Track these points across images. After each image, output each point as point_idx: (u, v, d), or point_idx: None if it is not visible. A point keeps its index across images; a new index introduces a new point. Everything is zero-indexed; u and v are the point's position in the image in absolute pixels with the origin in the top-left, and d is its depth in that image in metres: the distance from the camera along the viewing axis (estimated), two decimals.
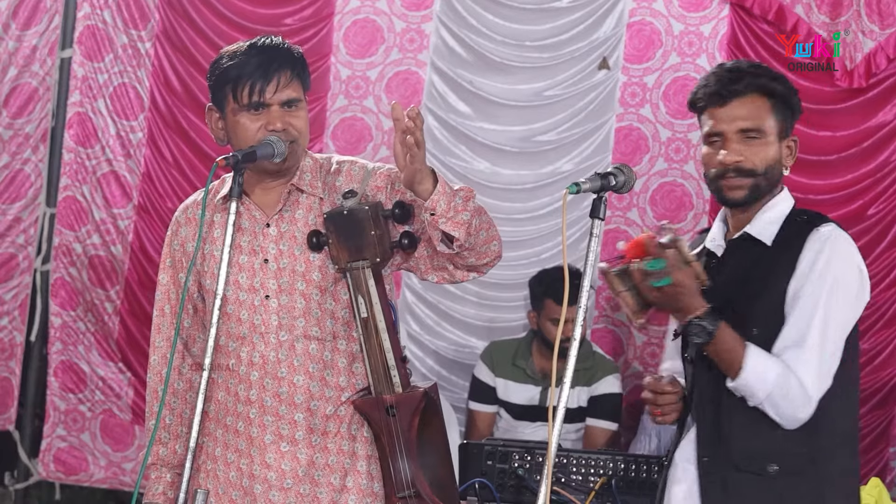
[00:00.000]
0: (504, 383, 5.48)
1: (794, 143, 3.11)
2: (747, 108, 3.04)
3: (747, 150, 3.03)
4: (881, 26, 5.45)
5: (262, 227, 3.14)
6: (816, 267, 2.95)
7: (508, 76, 5.88)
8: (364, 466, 3.12)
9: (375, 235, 3.01)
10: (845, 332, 2.98)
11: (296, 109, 3.10)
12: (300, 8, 6.01)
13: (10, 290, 6.25)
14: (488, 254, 3.07)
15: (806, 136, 5.54)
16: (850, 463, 3.06)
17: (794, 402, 2.90)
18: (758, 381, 2.91)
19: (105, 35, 6.15)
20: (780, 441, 2.95)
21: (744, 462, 2.98)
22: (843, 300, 2.96)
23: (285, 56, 3.11)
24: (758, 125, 3.03)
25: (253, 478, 3.12)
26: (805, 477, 2.96)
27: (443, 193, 2.90)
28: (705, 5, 5.70)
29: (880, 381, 5.52)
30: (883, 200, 5.52)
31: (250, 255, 3.13)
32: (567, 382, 2.69)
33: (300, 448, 3.09)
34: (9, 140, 6.21)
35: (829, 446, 2.98)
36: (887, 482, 5.38)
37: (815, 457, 2.97)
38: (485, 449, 4.10)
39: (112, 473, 6.23)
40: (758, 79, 3.05)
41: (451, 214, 2.91)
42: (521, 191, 5.89)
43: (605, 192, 2.80)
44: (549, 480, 2.68)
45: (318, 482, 3.09)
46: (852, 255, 3.01)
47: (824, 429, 2.96)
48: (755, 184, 3.05)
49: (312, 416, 3.09)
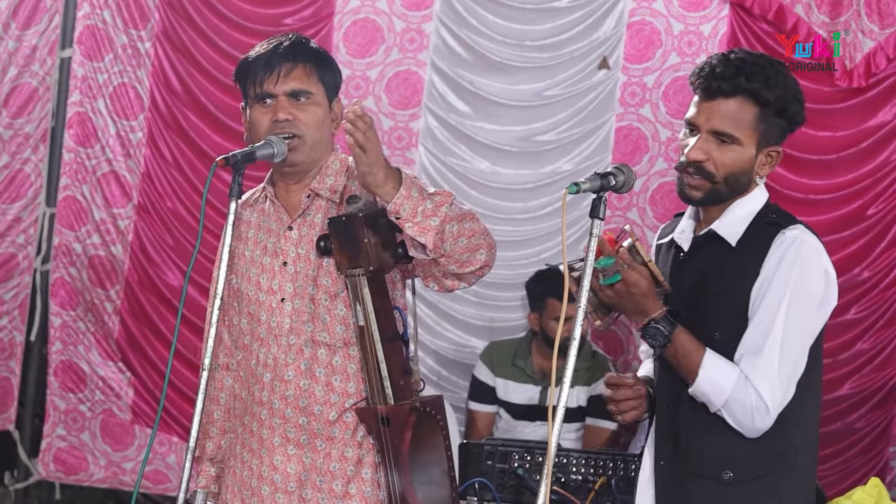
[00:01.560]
0: (504, 383, 5.48)
1: (776, 153, 2.98)
2: (729, 111, 2.91)
3: (715, 151, 2.91)
4: (881, 26, 5.45)
5: (286, 229, 3.14)
6: (779, 272, 2.85)
7: (508, 76, 5.88)
8: (369, 474, 3.09)
9: (370, 243, 2.93)
10: (809, 340, 2.89)
11: (304, 102, 3.07)
12: (300, 8, 6.01)
13: (10, 290, 6.25)
14: (472, 262, 2.93)
15: (806, 136, 5.54)
16: (809, 470, 2.97)
17: (751, 411, 2.82)
18: (713, 388, 2.84)
19: (105, 35, 6.14)
20: (736, 448, 2.87)
21: (699, 468, 2.90)
22: (805, 307, 2.86)
23: (294, 48, 3.10)
24: (732, 131, 2.91)
25: (261, 479, 3.12)
26: (760, 484, 2.88)
27: (407, 197, 2.81)
28: (705, 5, 5.70)
29: (880, 381, 5.52)
30: (882, 200, 5.52)
31: (272, 257, 3.14)
32: (567, 382, 2.68)
33: (305, 452, 3.09)
34: (9, 140, 6.21)
35: (786, 453, 2.90)
36: (887, 482, 5.38)
37: (772, 464, 2.89)
38: (485, 449, 4.10)
39: (112, 473, 6.23)
40: (751, 82, 2.89)
41: (419, 219, 2.82)
42: (521, 191, 5.89)
43: (605, 192, 2.79)
44: (549, 480, 2.67)
45: (320, 487, 3.09)
46: (818, 260, 2.90)
47: (782, 436, 2.88)
48: (713, 189, 2.93)
49: (316, 420, 3.08)
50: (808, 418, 2.94)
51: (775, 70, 2.93)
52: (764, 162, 2.96)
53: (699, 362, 2.85)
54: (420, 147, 5.88)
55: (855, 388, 5.54)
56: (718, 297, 2.91)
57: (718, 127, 2.91)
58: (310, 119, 3.07)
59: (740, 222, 2.95)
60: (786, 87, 2.93)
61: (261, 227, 3.19)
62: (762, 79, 2.90)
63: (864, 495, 4.18)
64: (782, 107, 2.92)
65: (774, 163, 2.98)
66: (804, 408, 2.91)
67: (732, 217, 2.95)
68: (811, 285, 2.87)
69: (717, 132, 2.91)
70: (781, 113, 2.94)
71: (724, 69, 2.91)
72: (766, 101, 2.90)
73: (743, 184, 2.95)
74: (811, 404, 2.95)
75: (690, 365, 2.86)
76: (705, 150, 2.92)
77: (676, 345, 2.88)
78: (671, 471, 2.97)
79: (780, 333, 2.82)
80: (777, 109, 2.92)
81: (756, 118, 2.91)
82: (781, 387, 2.82)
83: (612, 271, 2.89)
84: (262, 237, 3.17)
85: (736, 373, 2.82)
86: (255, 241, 3.18)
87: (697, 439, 2.91)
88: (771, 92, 2.90)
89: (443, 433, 3.05)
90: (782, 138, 3.00)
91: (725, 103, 2.91)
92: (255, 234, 3.18)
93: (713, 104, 2.92)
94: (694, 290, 2.95)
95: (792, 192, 5.57)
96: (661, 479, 3.01)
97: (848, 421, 5.55)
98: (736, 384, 2.82)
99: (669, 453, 2.97)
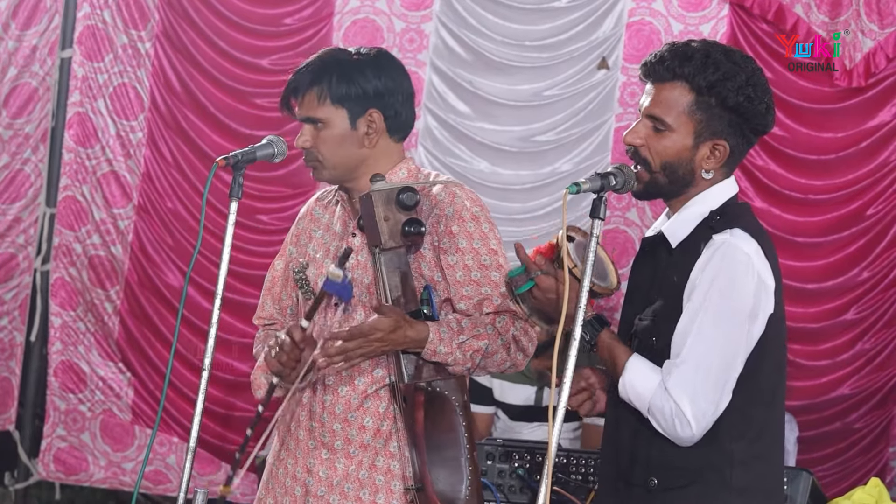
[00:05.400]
0: (500, 384, 5.46)
1: (723, 147, 2.79)
2: (663, 96, 2.80)
3: (651, 138, 2.82)
4: (881, 26, 5.45)
5: (350, 235, 3.14)
6: (702, 279, 2.73)
7: (508, 76, 5.88)
8: (399, 487, 3.06)
9: (383, 220, 2.94)
10: (738, 351, 2.73)
11: (319, 128, 3.07)
12: (300, 8, 6.02)
13: (10, 290, 6.25)
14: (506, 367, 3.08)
15: (806, 136, 5.55)
16: (756, 486, 2.81)
17: (670, 419, 2.71)
18: (633, 393, 2.76)
19: (105, 35, 6.15)
20: (664, 454, 2.76)
21: (631, 474, 2.82)
22: (728, 316, 2.71)
23: (310, 72, 3.09)
24: (663, 116, 2.80)
25: (295, 479, 3.12)
26: (685, 494, 2.77)
27: (437, 345, 2.96)
28: (705, 5, 5.70)
29: (880, 381, 5.52)
30: (882, 200, 5.52)
31: (333, 260, 3.11)
32: (567, 382, 2.68)
33: (338, 458, 3.08)
34: (9, 140, 6.21)
35: (720, 467, 2.76)
36: (887, 482, 5.37)
37: (702, 475, 2.75)
38: (485, 449, 4.10)
39: (112, 473, 6.23)
40: (684, 67, 2.77)
41: (451, 362, 2.97)
42: (521, 191, 5.89)
43: (605, 192, 2.77)
44: (549, 480, 2.67)
45: (347, 495, 3.07)
46: (746, 267, 2.73)
47: (716, 448, 2.74)
48: (652, 180, 2.82)
49: (350, 426, 3.07)
50: (755, 432, 2.79)
51: (721, 57, 2.79)
52: (707, 155, 2.79)
53: (622, 367, 2.78)
54: (420, 147, 5.88)
55: (855, 389, 5.54)
56: (654, 302, 2.83)
57: (652, 111, 2.83)
58: (322, 144, 3.06)
59: (689, 223, 2.82)
60: (728, 75, 2.77)
61: (328, 229, 3.19)
62: (699, 64, 2.77)
63: (864, 495, 4.17)
64: (723, 95, 2.76)
65: (722, 158, 2.80)
66: (749, 421, 2.77)
67: (683, 217, 2.84)
68: (736, 293, 2.72)
69: (651, 116, 2.84)
70: (725, 103, 2.77)
71: (665, 54, 2.82)
72: (699, 88, 2.76)
73: (683, 176, 2.81)
74: (762, 417, 2.80)
75: (615, 370, 2.81)
76: (641, 135, 2.84)
77: (601, 349, 2.83)
78: (608, 478, 2.91)
79: (697, 343, 2.71)
80: (719, 98, 2.77)
81: (691, 105, 2.79)
82: (705, 398, 2.70)
83: (523, 280, 2.86)
84: (327, 239, 3.18)
85: (657, 380, 2.73)
86: (321, 241, 3.18)
87: (631, 443, 2.83)
88: (705, 77, 2.76)
89: (460, 414, 3.00)
90: (737, 136, 2.81)
91: (662, 88, 2.82)
92: (323, 234, 3.19)
93: (652, 89, 2.85)
94: (641, 294, 2.88)
95: (792, 193, 5.58)
96: (600, 482, 2.97)
97: (848, 421, 5.55)
98: (655, 391, 2.73)
99: (612, 457, 2.90)
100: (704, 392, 2.70)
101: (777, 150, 5.57)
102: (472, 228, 3.04)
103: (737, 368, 2.74)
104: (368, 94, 3.08)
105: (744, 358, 2.74)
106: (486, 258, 3.04)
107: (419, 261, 3.05)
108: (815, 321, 5.54)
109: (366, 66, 3.09)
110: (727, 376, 2.72)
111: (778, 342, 2.82)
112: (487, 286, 3.03)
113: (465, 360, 2.97)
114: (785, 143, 5.57)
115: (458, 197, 3.06)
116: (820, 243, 5.57)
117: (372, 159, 3.10)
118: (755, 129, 2.83)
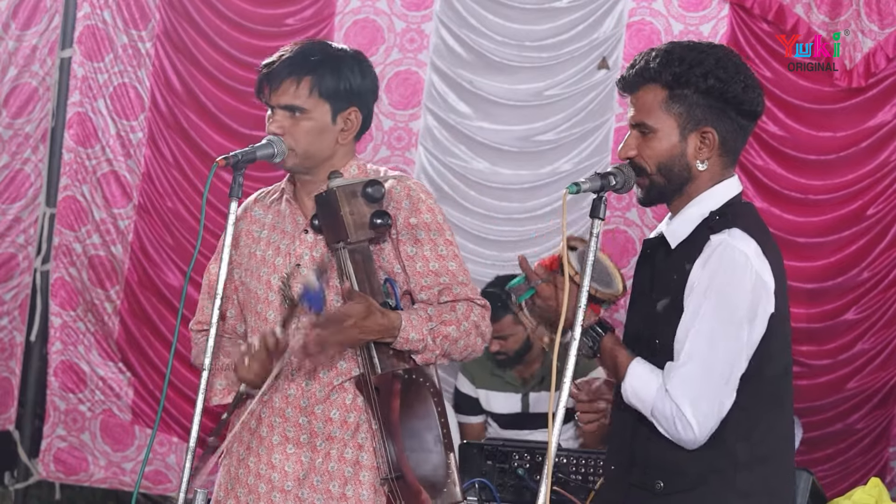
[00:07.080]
0: (486, 394, 5.43)
1: (710, 134, 2.79)
2: (640, 100, 2.82)
3: (642, 145, 2.83)
4: (881, 26, 5.45)
5: (301, 232, 3.16)
6: (701, 280, 2.73)
7: (508, 76, 5.88)
8: (368, 477, 3.09)
9: (347, 215, 2.98)
10: (740, 352, 2.72)
11: (298, 116, 3.09)
12: (301, 8, 6.02)
13: (10, 290, 6.25)
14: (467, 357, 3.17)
15: (806, 135, 5.55)
16: (759, 488, 2.80)
17: (672, 421, 2.71)
18: (636, 397, 2.76)
19: (105, 35, 6.15)
20: (670, 457, 2.76)
21: (637, 477, 2.82)
22: (728, 317, 2.70)
23: (294, 61, 3.11)
24: (644, 120, 2.82)
25: (259, 476, 3.13)
26: (690, 497, 2.77)
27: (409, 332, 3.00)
28: (705, 5, 5.70)
29: (880, 381, 5.52)
30: (882, 200, 5.52)
31: (285, 258, 3.16)
32: (567, 382, 2.68)
33: (304, 451, 3.10)
34: (9, 140, 6.21)
35: (723, 469, 2.76)
36: (887, 482, 5.37)
37: (706, 478, 2.75)
38: (485, 449, 4.10)
39: (112, 473, 6.23)
40: (649, 66, 2.80)
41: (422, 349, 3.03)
42: (521, 190, 5.89)
43: (605, 192, 2.77)
44: (549, 480, 2.67)
45: (317, 488, 3.09)
46: (745, 267, 2.72)
47: (721, 449, 2.74)
48: (651, 184, 2.83)
49: (317, 419, 3.10)
50: (761, 433, 2.79)
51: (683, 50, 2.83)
52: (698, 146, 2.80)
53: (624, 371, 2.79)
54: (420, 147, 5.88)
55: (855, 389, 5.54)
56: (659, 303, 2.82)
57: (635, 118, 2.85)
58: (299, 133, 3.09)
59: (690, 223, 2.83)
60: (694, 63, 2.78)
61: (275, 228, 3.21)
62: (663, 61, 2.80)
63: (864, 495, 4.18)
64: (693, 83, 2.77)
65: (713, 145, 2.80)
66: (753, 422, 2.77)
67: (684, 218, 2.84)
68: (735, 294, 2.71)
69: (635, 125, 2.85)
70: (698, 90, 2.78)
71: (633, 63, 2.85)
72: (668, 82, 2.78)
73: (680, 173, 2.82)
74: (768, 418, 2.80)
75: (618, 374, 2.81)
76: (632, 145, 2.85)
77: (604, 355, 2.84)
78: (616, 481, 2.90)
79: (697, 345, 2.70)
80: (690, 86, 2.78)
81: (666, 101, 2.80)
82: (706, 399, 2.70)
83: (524, 289, 2.87)
84: (275, 238, 3.19)
85: (658, 383, 2.73)
86: (269, 241, 3.20)
87: (639, 446, 2.82)
88: (670, 71, 2.78)
89: (434, 399, 3.06)
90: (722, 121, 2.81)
91: (637, 95, 2.84)
92: (269, 234, 3.21)
93: (630, 99, 2.87)
94: (644, 296, 2.89)
95: (792, 193, 5.58)
96: (607, 483, 2.96)
97: (848, 421, 5.55)
98: (656, 394, 2.73)
99: (619, 460, 2.90)
100: (705, 393, 2.70)
101: (777, 150, 5.57)
102: (429, 220, 3.12)
103: (738, 369, 2.73)
104: (353, 92, 3.14)
105: (746, 358, 2.74)
106: (443, 249, 3.11)
107: (378, 254, 3.10)
108: (815, 321, 5.55)
109: (354, 65, 3.15)
110: (728, 377, 2.72)
111: (782, 342, 2.82)
112: (445, 275, 3.09)
113: (434, 346, 3.02)
114: (785, 143, 5.57)
115: (413, 190, 3.14)
116: (820, 243, 5.57)
117: (337, 156, 3.16)
118: (740, 110, 2.82)
